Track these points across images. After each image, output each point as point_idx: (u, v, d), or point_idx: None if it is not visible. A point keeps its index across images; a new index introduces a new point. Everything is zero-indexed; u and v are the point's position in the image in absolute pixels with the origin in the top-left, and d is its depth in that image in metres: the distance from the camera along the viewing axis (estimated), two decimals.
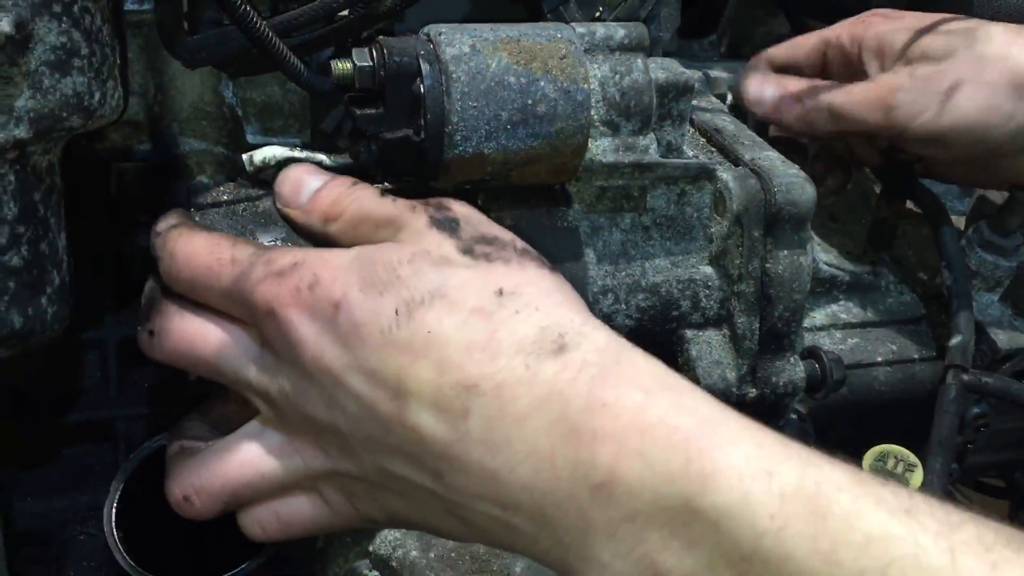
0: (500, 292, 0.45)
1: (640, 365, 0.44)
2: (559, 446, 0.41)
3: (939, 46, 0.68)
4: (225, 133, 0.71)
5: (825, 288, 0.75)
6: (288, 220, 0.56)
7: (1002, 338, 0.73)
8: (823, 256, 0.78)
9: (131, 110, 0.67)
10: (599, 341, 0.45)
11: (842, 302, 0.75)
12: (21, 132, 0.49)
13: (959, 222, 0.81)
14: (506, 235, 0.50)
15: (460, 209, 0.51)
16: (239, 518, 0.51)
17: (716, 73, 0.86)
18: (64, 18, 0.49)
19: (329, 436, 0.47)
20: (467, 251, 0.48)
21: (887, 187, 0.77)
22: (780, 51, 0.77)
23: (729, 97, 0.79)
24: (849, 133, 0.73)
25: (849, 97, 0.70)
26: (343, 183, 0.54)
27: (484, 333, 0.44)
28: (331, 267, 0.46)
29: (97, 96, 0.52)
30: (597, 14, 0.71)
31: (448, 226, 0.49)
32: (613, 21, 0.68)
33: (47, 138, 0.51)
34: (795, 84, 0.73)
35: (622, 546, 0.40)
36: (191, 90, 0.69)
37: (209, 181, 0.69)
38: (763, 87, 0.74)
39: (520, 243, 0.50)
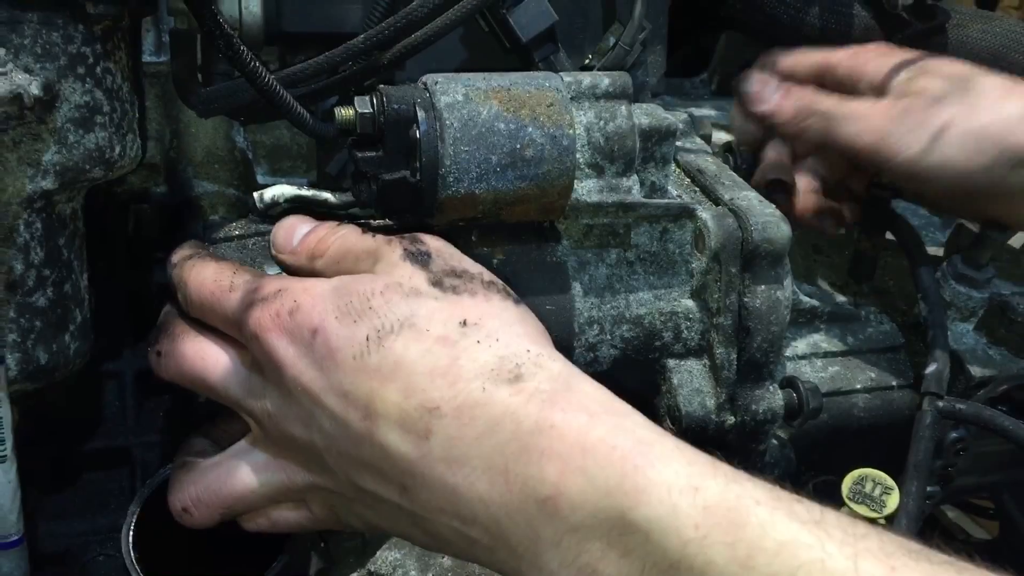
0: (464, 323, 0.49)
1: (587, 392, 0.48)
2: (511, 463, 0.45)
3: (936, 88, 0.70)
4: (237, 176, 0.75)
5: (807, 318, 0.78)
6: (281, 265, 0.59)
7: (976, 366, 0.76)
8: (806, 287, 0.81)
9: (148, 154, 0.71)
10: (553, 370, 0.48)
11: (823, 332, 0.78)
12: (48, 184, 0.54)
13: (940, 251, 0.84)
14: (475, 268, 0.54)
15: (433, 243, 0.55)
16: (240, 520, 0.55)
17: (703, 112, 0.90)
18: (88, 79, 0.54)
19: (308, 453, 0.51)
20: (436, 283, 0.51)
21: (866, 221, 0.80)
22: (785, 60, 0.79)
23: (715, 136, 0.82)
24: (833, 150, 0.75)
25: (847, 112, 0.72)
26: (329, 225, 0.58)
27: (446, 360, 0.47)
28: (311, 295, 0.50)
29: (118, 149, 0.56)
30: (587, 61, 0.75)
31: (420, 259, 0.53)
32: (602, 68, 0.72)
33: (71, 188, 0.56)
34: (795, 90, 0.75)
35: (567, 555, 0.43)
36: (205, 136, 0.74)
37: (222, 221, 0.74)
38: (765, 85, 0.76)
39: (487, 276, 0.54)
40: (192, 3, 0.56)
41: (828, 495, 0.76)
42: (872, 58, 0.74)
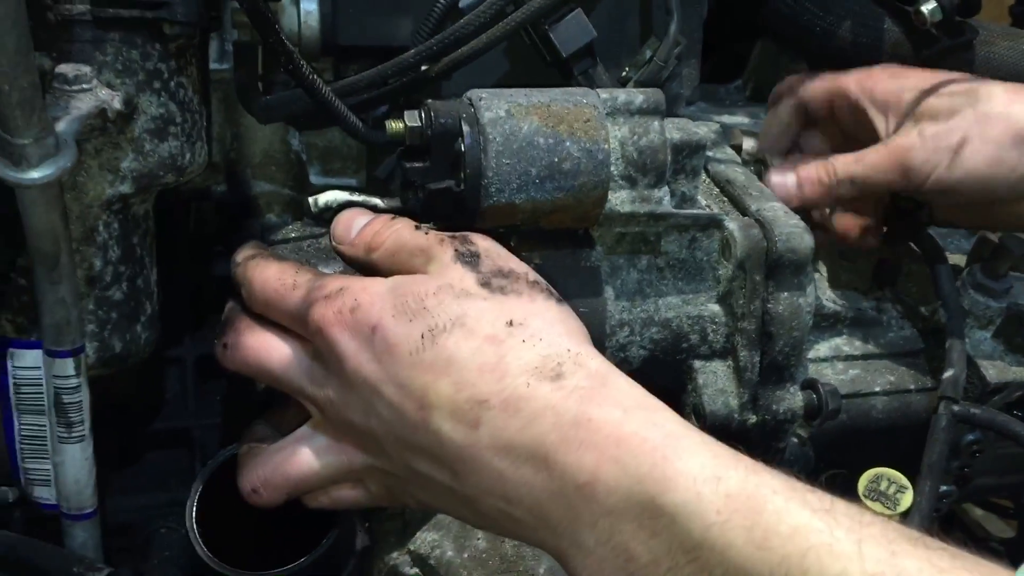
0: (510, 323, 0.53)
1: (622, 388, 0.52)
2: (552, 452, 0.49)
3: (945, 106, 0.74)
4: (291, 176, 0.80)
5: (829, 323, 0.81)
6: (340, 255, 0.64)
7: (992, 372, 0.79)
8: (830, 292, 0.85)
9: (212, 152, 0.76)
10: (591, 367, 0.52)
11: (845, 335, 0.82)
12: (125, 188, 0.59)
13: (964, 259, 0.87)
14: (520, 268, 0.58)
15: (482, 243, 0.59)
16: (302, 498, 0.60)
17: (736, 120, 0.93)
18: (163, 92, 0.59)
19: (367, 438, 0.56)
20: (485, 284, 0.55)
21: (891, 230, 0.83)
22: (799, 89, 0.83)
23: (745, 144, 0.85)
24: (869, 194, 0.79)
25: (865, 166, 0.76)
26: (384, 219, 0.62)
27: (494, 357, 0.52)
28: (370, 293, 0.54)
29: (188, 156, 0.61)
30: (624, 73, 0.78)
31: (470, 260, 0.57)
32: (638, 82, 0.75)
33: (145, 192, 0.61)
34: (810, 169, 0.78)
35: (603, 535, 0.48)
36: (263, 139, 0.79)
37: (277, 219, 0.79)
38: (785, 180, 0.79)
39: (532, 275, 0.58)
40: (256, 21, 0.61)
41: (840, 488, 0.80)
42: (880, 80, 0.77)
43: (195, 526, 0.62)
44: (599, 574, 0.48)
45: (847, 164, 0.77)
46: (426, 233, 0.60)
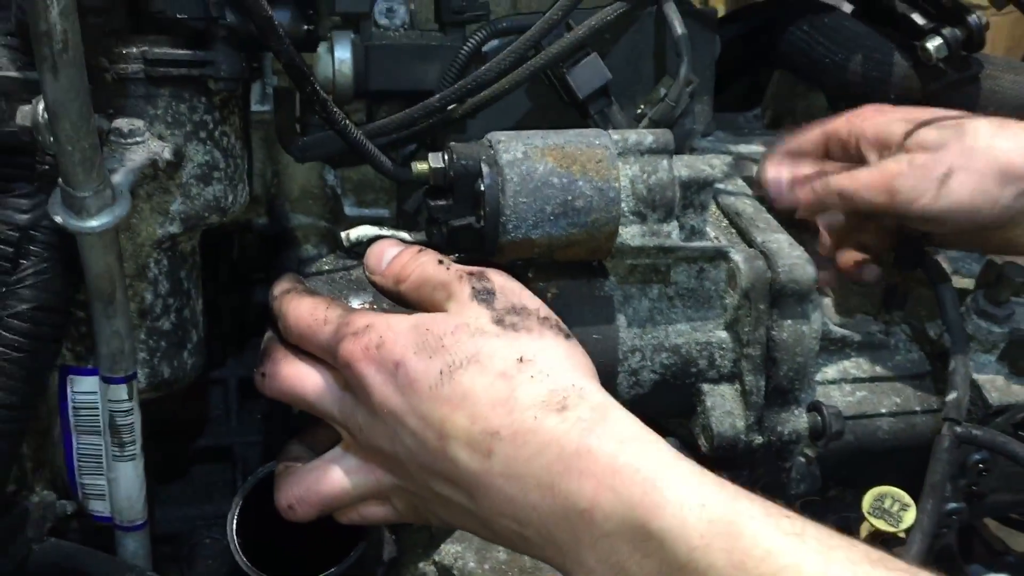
0: (520, 359, 0.58)
1: (620, 420, 0.56)
2: (556, 479, 0.53)
3: (933, 138, 0.76)
4: (327, 210, 0.85)
5: (838, 346, 0.84)
6: (373, 284, 0.69)
7: (994, 395, 0.82)
8: (840, 316, 0.88)
9: (254, 185, 0.82)
10: (593, 401, 0.57)
11: (853, 358, 0.85)
12: (174, 229, 0.65)
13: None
14: (532, 304, 0.62)
15: (497, 280, 0.63)
16: (334, 514, 0.65)
17: (751, 148, 0.97)
18: (208, 141, 0.65)
19: (392, 462, 0.61)
20: (498, 321, 0.60)
21: (898, 256, 0.87)
22: (791, 142, 0.86)
23: (754, 170, 0.89)
24: (856, 212, 0.82)
25: (856, 182, 0.79)
26: (412, 251, 0.67)
27: (505, 392, 0.56)
28: (394, 331, 0.59)
29: (231, 198, 0.67)
30: (639, 110, 0.83)
31: (486, 297, 0.61)
32: (652, 119, 0.80)
33: (192, 231, 0.66)
34: (807, 169, 0.82)
35: (602, 554, 0.52)
36: (300, 176, 0.84)
37: (314, 250, 0.84)
38: (779, 172, 0.83)
39: (543, 311, 0.62)
40: (293, 75, 0.66)
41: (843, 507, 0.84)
42: (869, 118, 0.80)
43: (235, 537, 0.67)
44: None
45: (839, 178, 0.80)
46: (448, 268, 0.64)
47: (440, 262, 0.65)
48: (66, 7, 0.47)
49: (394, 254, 0.68)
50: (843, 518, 0.83)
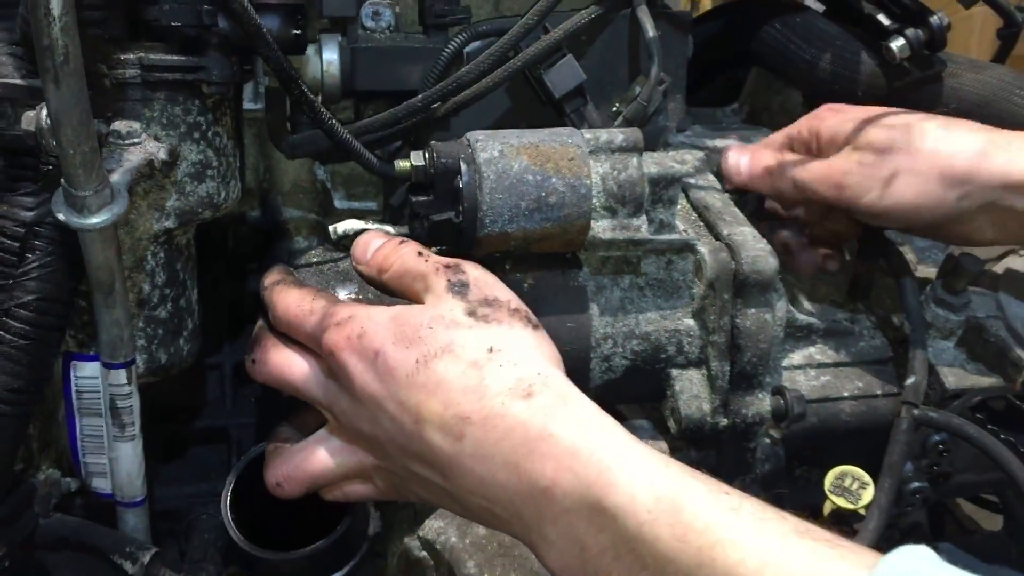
0: (491, 349, 0.62)
1: (581, 407, 0.60)
2: (521, 460, 0.58)
3: (882, 138, 0.79)
4: (317, 203, 0.89)
5: (804, 333, 0.88)
6: (358, 273, 0.74)
7: (951, 379, 0.86)
8: (808, 305, 0.92)
9: (247, 179, 0.86)
10: (556, 388, 0.61)
11: (819, 345, 0.89)
12: (169, 224, 0.69)
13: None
14: (504, 296, 0.66)
15: (472, 272, 0.67)
16: (320, 492, 0.70)
17: (727, 142, 1.01)
18: (201, 141, 0.69)
19: (373, 443, 0.65)
20: (471, 313, 0.64)
21: (862, 248, 0.91)
22: (756, 146, 0.91)
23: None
24: (810, 202, 0.86)
25: (808, 174, 0.83)
26: (394, 243, 0.71)
27: (476, 380, 0.60)
28: (374, 322, 0.63)
29: (223, 194, 0.71)
30: (614, 108, 0.87)
31: (460, 289, 0.65)
32: (625, 118, 0.83)
33: (187, 225, 0.71)
34: (766, 157, 0.86)
35: (562, 529, 0.56)
36: (292, 171, 0.88)
37: (305, 242, 0.88)
38: (739, 158, 0.87)
39: (514, 303, 0.66)
40: (282, 80, 0.70)
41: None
42: (826, 119, 0.84)
43: (229, 513, 0.72)
44: (560, 560, 0.57)
45: (794, 167, 0.83)
46: (426, 260, 0.68)
47: (420, 254, 0.70)
48: (67, 24, 0.51)
49: (378, 245, 0.72)
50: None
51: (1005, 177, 0.77)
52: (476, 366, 0.61)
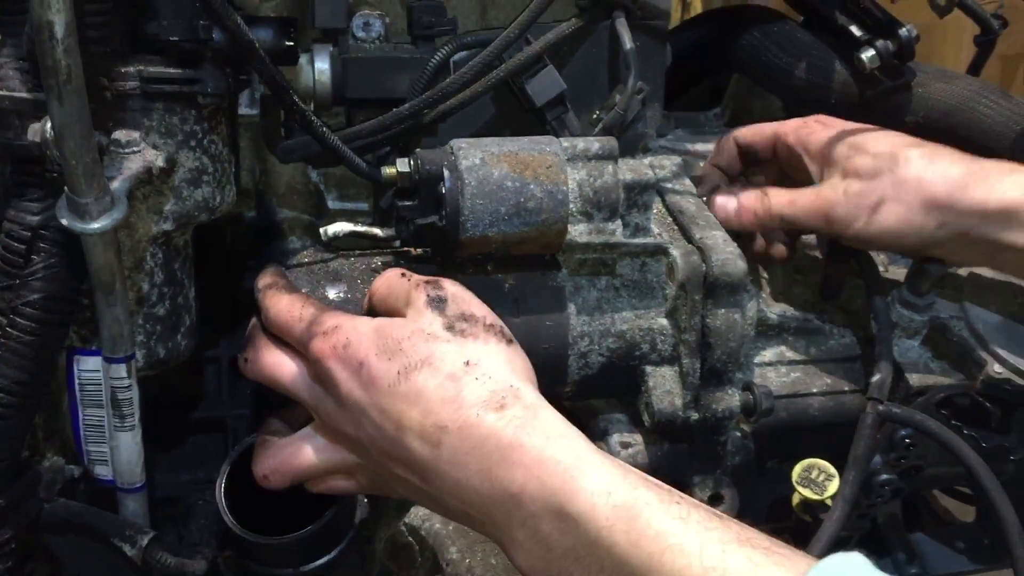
0: (467, 363, 0.66)
1: (548, 420, 0.64)
2: (493, 468, 0.62)
3: (868, 167, 0.83)
4: (311, 204, 0.93)
5: (775, 331, 0.92)
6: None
7: (915, 377, 0.90)
8: (782, 304, 0.96)
9: (243, 181, 0.90)
10: (526, 401, 0.65)
11: (790, 342, 0.93)
12: (167, 226, 0.73)
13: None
14: (480, 312, 0.70)
15: (450, 288, 0.71)
16: (305, 484, 0.74)
17: (708, 147, 1.05)
18: (198, 148, 0.73)
19: (356, 445, 0.69)
20: (449, 327, 0.68)
21: (833, 250, 0.94)
22: (745, 133, 0.94)
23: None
24: (797, 231, 0.91)
25: (795, 208, 0.86)
26: (385, 274, 0.75)
27: (453, 391, 0.64)
28: (359, 333, 0.67)
29: (219, 198, 0.75)
30: (594, 116, 0.90)
31: (439, 305, 0.69)
32: (604, 125, 0.87)
33: (184, 228, 0.75)
34: (751, 199, 0.89)
35: (529, 532, 0.61)
36: (286, 173, 0.92)
37: (299, 242, 0.92)
38: (726, 205, 0.90)
39: (490, 319, 0.70)
40: (274, 90, 0.74)
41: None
42: (815, 132, 0.87)
43: (223, 499, 0.76)
44: (527, 561, 0.62)
45: (781, 204, 0.87)
46: (408, 279, 0.72)
47: (403, 275, 0.73)
48: (69, 46, 0.55)
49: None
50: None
51: (982, 207, 0.80)
52: (453, 378, 0.65)
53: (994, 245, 0.82)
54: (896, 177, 0.82)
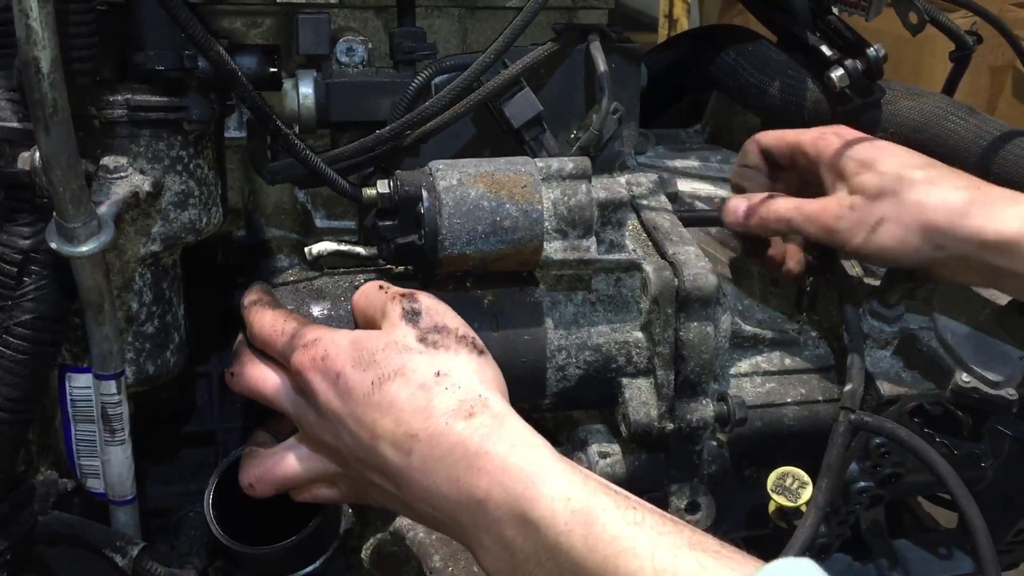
0: (438, 373, 0.68)
1: (515, 428, 0.67)
2: (460, 475, 0.64)
3: (873, 185, 0.84)
4: (298, 224, 0.96)
5: (751, 343, 0.95)
6: None
7: (886, 387, 0.92)
8: (759, 315, 0.99)
9: (232, 200, 0.93)
10: (494, 410, 0.67)
11: (765, 354, 0.95)
12: (155, 247, 0.76)
13: None
14: (453, 323, 0.73)
15: (425, 301, 0.74)
16: (290, 493, 0.77)
17: (687, 163, 1.08)
18: (184, 173, 0.76)
19: (336, 454, 0.72)
20: (422, 339, 0.70)
21: (809, 263, 0.97)
22: (767, 139, 0.95)
23: (683, 187, 1.00)
24: (798, 237, 0.92)
25: (800, 214, 0.88)
26: (364, 287, 0.78)
27: (424, 401, 0.67)
28: (336, 346, 0.70)
29: (205, 220, 0.78)
30: (572, 135, 0.93)
31: (413, 317, 0.72)
32: (580, 146, 0.90)
33: (172, 248, 0.77)
34: (759, 203, 0.90)
35: (494, 536, 0.63)
36: (274, 193, 0.95)
37: (287, 260, 0.95)
38: (737, 207, 0.91)
39: (462, 330, 0.72)
40: (257, 116, 0.77)
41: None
42: (831, 144, 0.88)
43: (211, 510, 0.79)
44: (494, 564, 0.64)
45: (788, 209, 0.89)
46: (385, 292, 0.75)
47: (380, 287, 0.76)
48: (55, 80, 0.58)
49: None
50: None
51: (979, 235, 0.81)
52: (424, 388, 0.68)
53: (995, 271, 0.83)
54: (898, 198, 0.83)
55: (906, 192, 0.83)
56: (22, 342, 0.69)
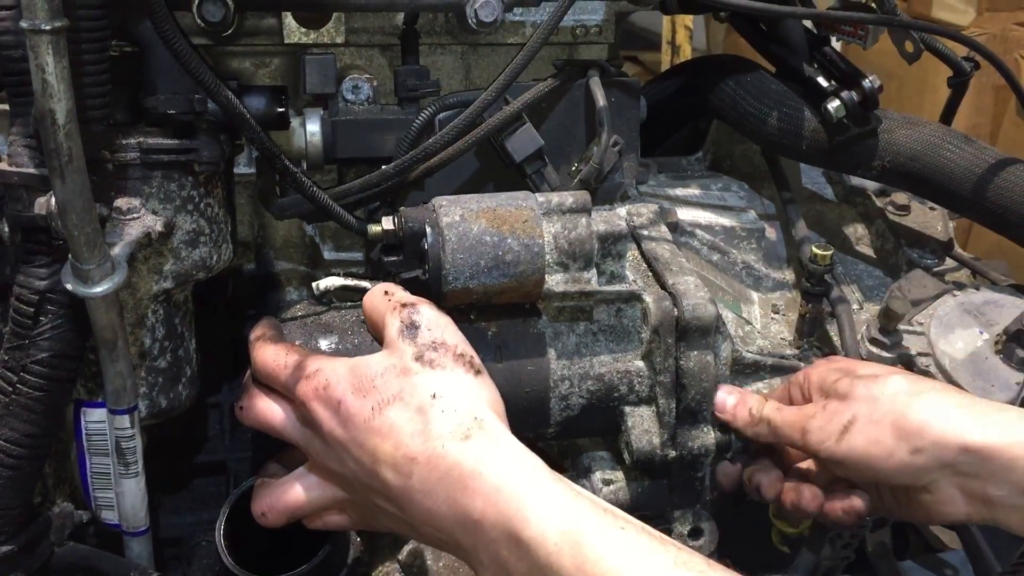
0: (434, 396, 0.70)
1: (509, 449, 0.68)
2: (457, 495, 0.66)
3: (847, 387, 0.81)
4: (307, 256, 0.98)
5: (752, 370, 0.96)
6: None
7: None
8: (760, 341, 1.00)
9: (242, 234, 0.95)
10: (490, 432, 0.69)
11: (767, 380, 0.96)
12: (167, 285, 0.78)
13: None
14: (452, 340, 0.74)
15: (426, 313, 0.75)
16: (302, 521, 0.78)
17: (688, 192, 1.09)
18: (195, 212, 0.78)
19: (343, 480, 0.74)
20: (419, 357, 0.72)
21: (807, 293, 0.98)
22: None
23: (683, 216, 1.02)
24: (783, 444, 0.87)
25: (779, 417, 0.84)
26: (371, 291, 0.80)
27: (421, 424, 0.69)
28: (336, 375, 0.72)
29: (215, 257, 0.80)
30: (574, 168, 0.95)
31: (411, 332, 0.74)
32: (581, 178, 0.92)
33: (183, 285, 0.80)
34: (746, 398, 0.87)
35: (490, 555, 0.65)
36: (282, 227, 0.97)
37: (295, 292, 0.97)
38: (726, 398, 0.87)
39: (460, 348, 0.74)
40: (265, 156, 0.79)
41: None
42: (816, 368, 0.88)
43: (223, 540, 0.80)
44: None
45: (770, 409, 0.86)
46: (389, 299, 0.77)
47: (385, 293, 0.78)
48: (70, 130, 0.60)
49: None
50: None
51: (960, 438, 0.74)
52: (421, 411, 0.69)
53: (981, 483, 0.75)
54: (870, 395, 0.79)
55: (880, 389, 0.79)
56: (38, 379, 0.71)
